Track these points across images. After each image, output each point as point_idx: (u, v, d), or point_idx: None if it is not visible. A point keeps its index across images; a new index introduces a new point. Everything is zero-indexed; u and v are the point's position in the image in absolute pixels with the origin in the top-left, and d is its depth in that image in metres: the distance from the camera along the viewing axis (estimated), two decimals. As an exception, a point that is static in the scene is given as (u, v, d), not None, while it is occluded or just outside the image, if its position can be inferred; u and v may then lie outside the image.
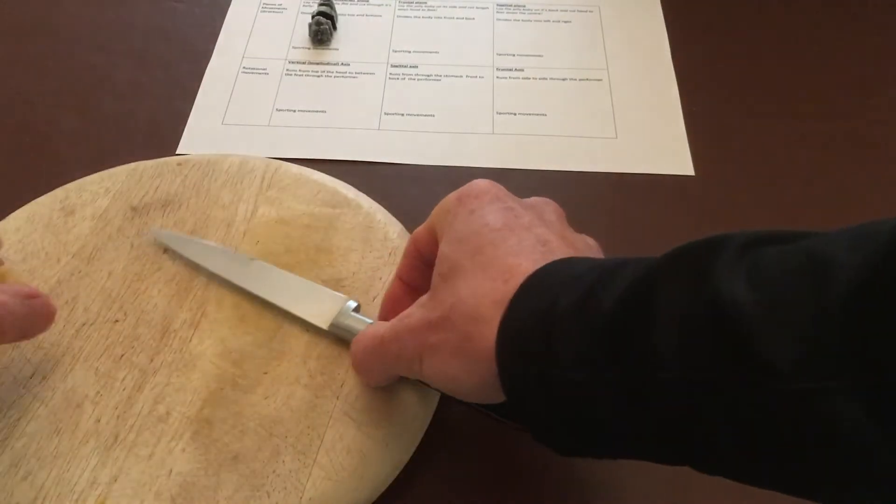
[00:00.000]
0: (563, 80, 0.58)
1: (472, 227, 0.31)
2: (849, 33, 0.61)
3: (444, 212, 0.33)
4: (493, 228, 0.30)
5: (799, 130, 0.54)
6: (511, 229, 0.30)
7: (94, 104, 0.55)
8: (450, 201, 0.33)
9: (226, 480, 0.35)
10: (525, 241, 0.30)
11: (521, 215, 0.31)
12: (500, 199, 0.32)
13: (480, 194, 0.32)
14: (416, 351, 0.31)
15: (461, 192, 0.33)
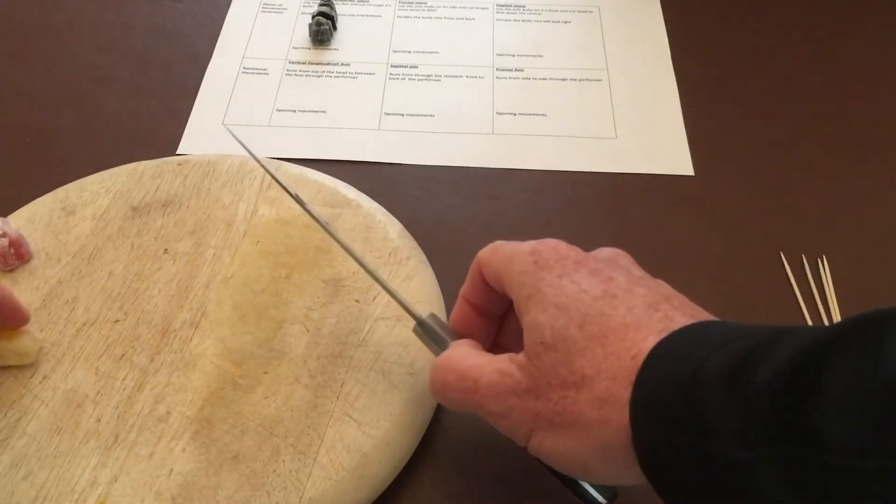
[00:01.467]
0: (563, 80, 0.58)
1: (568, 294, 0.30)
2: (849, 33, 0.61)
3: (518, 272, 0.31)
4: (595, 296, 0.29)
5: (799, 130, 0.54)
6: (613, 296, 0.29)
7: (94, 104, 0.55)
8: (524, 261, 0.32)
9: (226, 480, 0.35)
10: (635, 309, 0.29)
11: (612, 277, 0.30)
12: (584, 261, 0.31)
13: (562, 258, 0.31)
14: (523, 422, 0.30)
15: (535, 252, 0.32)
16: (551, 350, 0.29)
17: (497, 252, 0.33)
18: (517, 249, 0.32)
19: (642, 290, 0.30)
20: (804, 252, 0.47)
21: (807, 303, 0.45)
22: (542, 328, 0.29)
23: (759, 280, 0.46)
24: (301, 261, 0.43)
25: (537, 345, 0.29)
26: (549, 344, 0.29)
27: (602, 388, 0.27)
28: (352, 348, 0.39)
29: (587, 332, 0.28)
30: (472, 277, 0.35)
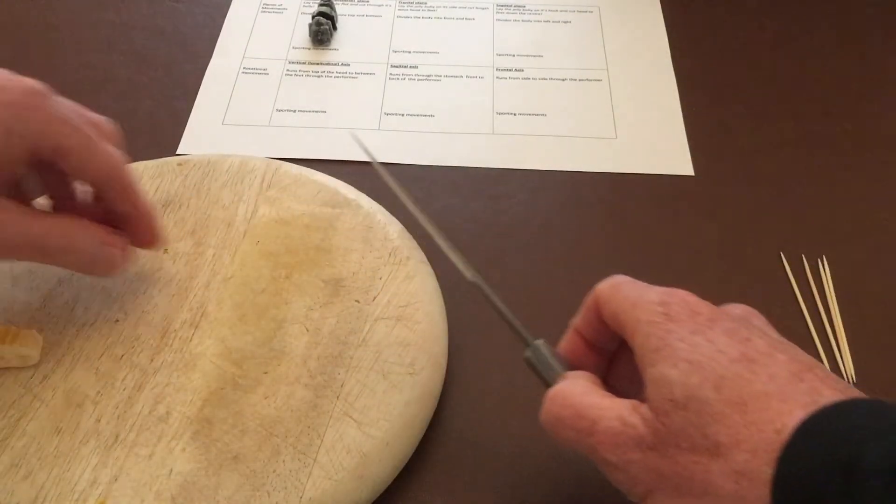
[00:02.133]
0: (562, 80, 0.58)
1: (703, 353, 0.27)
2: (849, 33, 0.61)
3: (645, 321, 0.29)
4: (732, 358, 0.27)
5: (799, 130, 0.54)
6: (752, 360, 0.27)
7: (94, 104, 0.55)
8: (652, 310, 0.30)
9: (226, 480, 0.35)
10: (778, 377, 0.27)
11: (750, 338, 0.28)
12: (718, 319, 0.29)
13: (694, 314, 0.29)
14: (641, 479, 0.28)
15: (665, 303, 0.30)
16: (681, 409, 0.27)
17: (619, 292, 0.32)
18: (643, 296, 0.30)
19: (783, 356, 0.28)
20: (804, 252, 0.47)
21: (807, 303, 0.45)
22: (672, 384, 0.27)
23: (759, 280, 0.46)
24: (301, 261, 0.43)
25: (665, 401, 0.27)
26: (680, 402, 0.27)
27: (740, 460, 0.26)
28: (352, 348, 0.39)
29: (724, 396, 0.27)
30: (588, 311, 0.33)
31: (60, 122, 0.35)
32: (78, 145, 0.35)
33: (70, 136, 0.35)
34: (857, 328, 0.44)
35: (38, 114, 0.34)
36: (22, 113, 0.34)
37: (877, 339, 0.43)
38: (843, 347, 0.43)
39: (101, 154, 0.36)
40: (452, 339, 0.41)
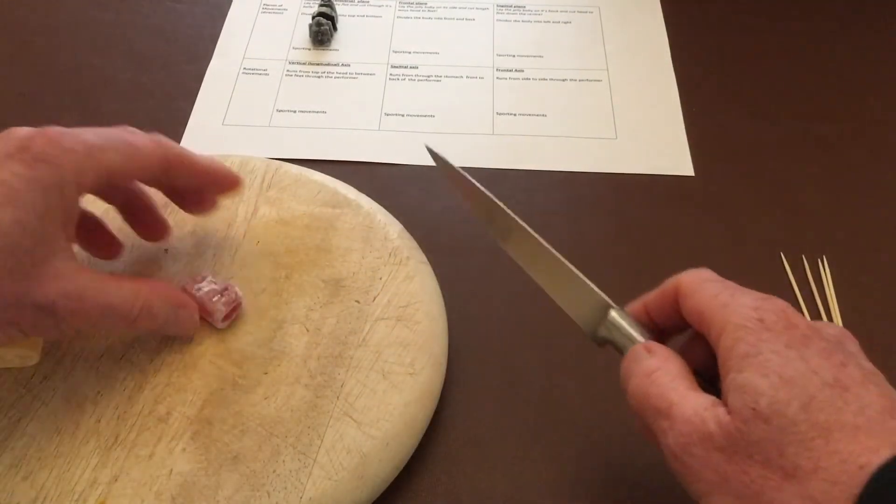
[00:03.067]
0: (563, 80, 0.58)
1: (797, 370, 0.27)
2: (848, 33, 0.61)
3: (737, 325, 0.29)
4: (825, 381, 0.27)
5: (799, 130, 0.54)
6: (845, 388, 0.27)
7: (94, 104, 0.55)
8: (745, 315, 0.29)
9: (226, 480, 0.35)
10: (869, 409, 0.26)
11: (846, 364, 0.28)
12: (813, 337, 0.28)
13: (790, 326, 0.28)
14: (703, 477, 0.28)
15: (760, 309, 0.29)
16: (763, 421, 0.26)
17: (705, 288, 0.31)
18: (736, 299, 0.30)
19: (876, 389, 0.27)
20: (804, 252, 0.47)
21: (807, 303, 0.45)
22: (758, 394, 0.27)
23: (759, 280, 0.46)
24: (301, 261, 0.43)
25: (748, 409, 0.27)
26: (763, 414, 0.26)
27: (818, 489, 0.25)
28: (352, 348, 0.39)
29: (811, 418, 0.26)
30: (664, 296, 0.33)
31: (86, 152, 0.33)
32: (119, 160, 0.34)
33: (106, 156, 0.34)
34: (857, 328, 0.44)
35: (66, 157, 0.32)
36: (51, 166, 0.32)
37: (877, 339, 0.43)
38: (843, 347, 0.43)
39: (143, 149, 0.36)
40: (452, 339, 0.41)
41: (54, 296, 0.32)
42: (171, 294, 0.37)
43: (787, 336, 0.28)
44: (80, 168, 0.32)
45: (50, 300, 0.31)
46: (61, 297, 0.32)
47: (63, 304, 0.32)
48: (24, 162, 0.31)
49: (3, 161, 0.31)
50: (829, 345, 0.28)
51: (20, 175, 0.31)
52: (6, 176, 0.31)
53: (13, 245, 0.30)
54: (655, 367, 0.31)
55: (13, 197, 0.30)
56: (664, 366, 0.31)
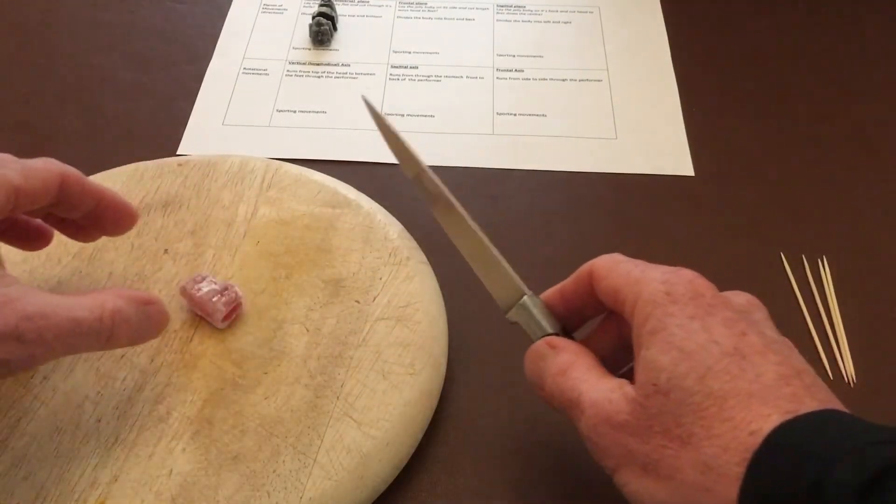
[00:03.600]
0: (563, 80, 0.58)
1: (697, 341, 0.28)
2: (848, 33, 0.61)
3: (646, 301, 0.30)
4: (724, 351, 0.27)
5: (799, 130, 0.54)
6: (743, 356, 0.27)
7: (94, 104, 0.55)
8: (654, 289, 0.30)
9: (226, 480, 0.35)
10: (764, 377, 0.27)
11: (746, 333, 0.28)
12: (719, 306, 0.29)
13: (697, 296, 0.29)
14: (612, 453, 0.29)
15: (668, 282, 0.30)
16: (663, 395, 0.28)
17: (618, 268, 0.32)
18: (647, 274, 0.31)
19: (775, 357, 0.28)
20: (804, 252, 0.47)
21: (807, 303, 0.45)
22: (659, 370, 0.28)
23: (759, 280, 0.46)
24: (301, 261, 0.43)
25: (650, 385, 0.28)
26: (663, 389, 0.28)
27: (710, 453, 0.26)
28: (352, 349, 0.39)
29: (706, 388, 0.27)
30: (579, 279, 0.34)
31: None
32: (19, 178, 0.32)
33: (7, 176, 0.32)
34: (857, 328, 0.44)
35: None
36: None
37: (877, 339, 0.43)
38: (843, 347, 0.43)
39: (40, 167, 0.34)
40: (452, 339, 0.41)
41: (15, 320, 0.29)
42: (134, 293, 0.34)
43: (693, 306, 0.29)
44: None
45: (12, 325, 0.29)
46: (23, 320, 0.29)
47: (27, 327, 0.29)
48: None
49: None
50: (734, 314, 0.29)
51: None
52: None
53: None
54: (569, 364, 0.32)
55: None
56: (577, 361, 0.32)
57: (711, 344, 0.28)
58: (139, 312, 0.34)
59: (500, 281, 0.36)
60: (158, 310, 0.35)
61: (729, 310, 0.29)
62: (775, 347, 0.28)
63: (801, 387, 0.27)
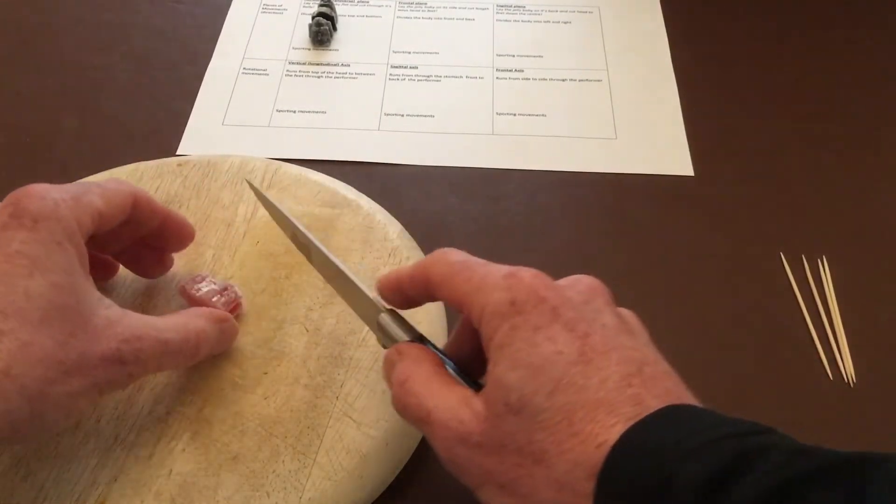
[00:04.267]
0: (562, 80, 0.58)
1: (543, 354, 0.27)
2: (848, 33, 0.61)
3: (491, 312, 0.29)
4: (570, 360, 0.27)
5: (799, 130, 0.54)
6: (588, 361, 0.27)
7: (94, 104, 0.55)
8: (498, 299, 0.29)
9: (225, 480, 0.35)
10: (609, 381, 0.27)
11: (589, 333, 0.28)
12: (561, 309, 0.28)
13: (539, 302, 0.28)
14: (470, 472, 0.29)
15: (511, 288, 0.29)
16: (514, 414, 0.27)
17: (456, 274, 0.31)
18: (487, 279, 0.30)
19: (616, 354, 0.28)
20: (804, 252, 0.47)
21: (807, 303, 0.45)
22: (509, 389, 0.27)
23: (759, 280, 0.46)
24: (301, 261, 0.43)
25: (501, 404, 0.28)
26: (514, 408, 0.27)
27: (562, 470, 0.26)
28: (351, 349, 0.39)
29: (556, 403, 0.27)
30: (415, 281, 0.33)
31: (74, 199, 0.32)
32: (101, 202, 0.33)
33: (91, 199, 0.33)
34: (857, 328, 0.44)
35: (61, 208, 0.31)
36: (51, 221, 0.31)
37: (877, 339, 0.43)
38: (843, 347, 0.43)
39: (115, 190, 0.35)
40: (452, 340, 0.41)
41: (116, 343, 0.31)
42: (212, 312, 0.37)
43: (536, 316, 0.28)
44: (76, 215, 0.32)
45: (114, 348, 0.31)
46: (122, 343, 0.31)
47: (127, 349, 0.31)
48: (24, 227, 0.30)
49: (3, 233, 0.30)
50: (576, 314, 0.29)
51: (29, 241, 0.30)
52: (17, 246, 0.30)
53: (61, 308, 0.29)
54: (407, 375, 0.31)
55: (36, 263, 0.30)
56: (416, 371, 0.31)
57: (557, 355, 0.27)
58: (217, 330, 0.37)
59: (364, 306, 0.35)
60: (231, 325, 0.38)
61: (571, 310, 0.29)
62: (616, 343, 0.28)
63: (642, 385, 0.27)
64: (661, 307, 0.45)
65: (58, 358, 0.29)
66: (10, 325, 0.28)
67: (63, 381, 0.29)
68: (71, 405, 0.30)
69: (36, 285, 0.29)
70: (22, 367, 0.28)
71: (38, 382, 0.28)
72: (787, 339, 0.44)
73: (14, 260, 0.29)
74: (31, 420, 0.29)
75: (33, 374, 0.28)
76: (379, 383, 0.38)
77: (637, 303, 0.45)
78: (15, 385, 0.28)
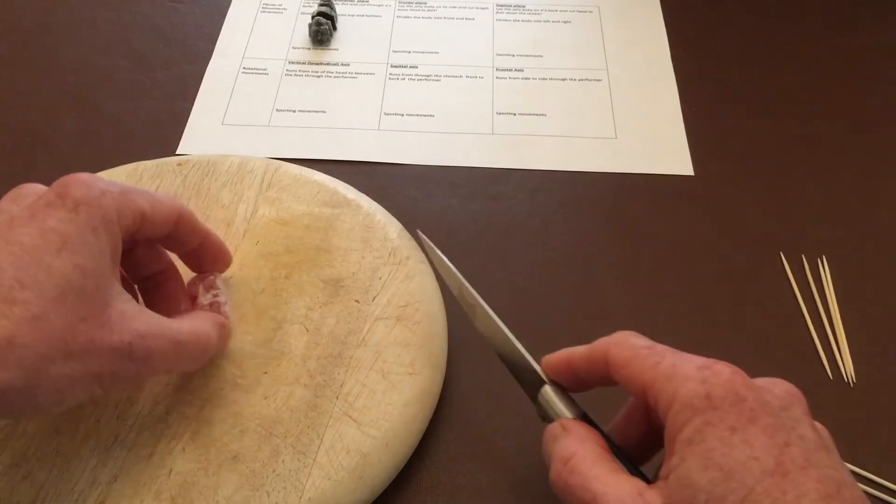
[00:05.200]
0: (562, 80, 0.58)
1: (737, 458, 0.26)
2: (848, 33, 0.61)
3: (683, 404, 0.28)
4: (766, 470, 0.26)
5: (799, 130, 0.54)
6: (785, 473, 0.26)
7: (94, 104, 0.55)
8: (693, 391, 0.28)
9: (225, 480, 0.35)
10: (805, 499, 0.25)
11: (789, 443, 0.27)
12: (760, 411, 0.27)
13: (738, 401, 0.27)
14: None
15: (707, 382, 0.28)
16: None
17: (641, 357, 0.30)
18: (679, 368, 0.28)
19: (815, 472, 0.26)
20: (804, 252, 0.47)
21: (807, 303, 0.45)
22: (697, 490, 0.26)
23: (759, 280, 0.46)
24: (301, 261, 0.43)
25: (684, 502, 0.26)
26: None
27: None
28: (351, 348, 0.39)
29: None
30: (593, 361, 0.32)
31: (121, 193, 0.33)
32: (147, 205, 0.34)
33: (137, 199, 0.33)
34: (857, 328, 0.44)
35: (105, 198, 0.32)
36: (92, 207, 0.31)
37: (877, 339, 0.43)
38: (842, 347, 0.43)
39: (163, 199, 0.35)
40: (452, 339, 0.41)
41: (129, 336, 0.31)
42: (215, 317, 0.38)
43: (734, 416, 0.27)
44: (118, 208, 0.32)
45: (126, 342, 0.30)
46: (136, 338, 0.31)
47: (139, 345, 0.31)
48: (66, 208, 0.30)
49: (45, 209, 0.30)
50: (775, 420, 0.27)
51: (67, 220, 0.30)
52: (54, 223, 0.30)
53: (79, 290, 0.29)
54: (572, 453, 0.30)
55: (66, 242, 0.30)
56: (581, 449, 0.30)
57: (752, 461, 0.26)
58: (220, 336, 0.37)
59: (528, 373, 0.34)
60: (228, 330, 0.39)
61: (770, 415, 0.27)
62: (815, 459, 0.27)
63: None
64: (661, 307, 0.45)
65: (63, 338, 0.29)
66: (24, 295, 0.28)
67: (63, 362, 0.29)
68: (65, 389, 0.29)
69: (60, 263, 0.29)
70: (26, 339, 0.28)
71: (37, 359, 0.28)
72: (787, 339, 0.44)
73: (47, 236, 0.30)
74: (21, 393, 0.28)
75: (36, 348, 0.28)
76: (379, 383, 0.38)
77: (637, 303, 0.45)
78: (15, 355, 0.28)
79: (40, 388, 0.29)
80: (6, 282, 0.28)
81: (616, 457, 0.30)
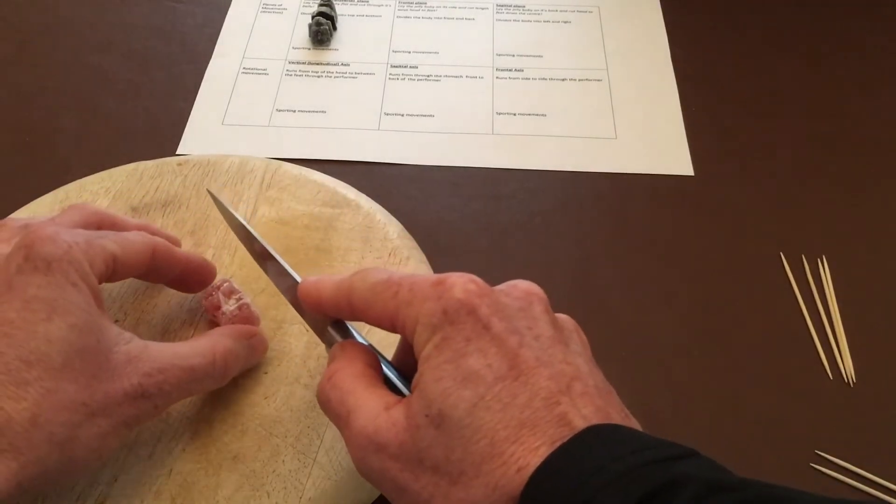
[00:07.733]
0: (562, 80, 0.58)
1: (471, 367, 0.26)
2: (848, 33, 0.61)
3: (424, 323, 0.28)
4: (498, 375, 0.26)
5: (798, 130, 0.54)
6: (517, 376, 0.26)
7: (94, 104, 0.55)
8: (431, 309, 0.28)
9: (225, 480, 0.35)
10: (535, 399, 0.26)
11: (521, 346, 0.27)
12: (494, 319, 0.27)
13: (472, 311, 0.27)
14: (383, 484, 0.28)
15: (443, 297, 0.28)
16: (434, 427, 0.26)
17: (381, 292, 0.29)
18: (415, 291, 0.28)
19: (546, 371, 0.27)
20: (804, 252, 0.47)
21: (807, 303, 0.45)
22: (430, 400, 0.26)
23: (759, 280, 0.46)
24: (300, 261, 0.43)
25: (421, 416, 0.26)
26: (435, 420, 0.26)
27: (479, 493, 0.25)
28: (351, 348, 0.39)
29: (477, 419, 0.25)
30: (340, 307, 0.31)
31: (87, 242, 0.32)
32: (117, 248, 0.33)
33: (106, 244, 0.33)
34: (857, 328, 0.44)
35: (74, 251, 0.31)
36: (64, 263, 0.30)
37: (877, 339, 0.43)
38: (842, 347, 0.43)
39: (134, 239, 0.35)
40: (452, 339, 0.41)
41: (137, 378, 0.30)
42: (239, 329, 0.37)
43: (469, 326, 0.27)
44: (88, 258, 0.31)
45: (136, 384, 0.30)
46: (144, 377, 0.31)
47: (149, 383, 0.31)
48: (39, 271, 0.30)
49: (17, 277, 0.30)
50: (509, 324, 0.27)
51: (45, 285, 0.30)
52: (34, 291, 0.29)
53: (82, 349, 0.29)
54: (336, 369, 0.30)
55: (54, 307, 0.29)
56: (347, 367, 0.30)
57: (485, 368, 0.26)
58: (245, 347, 0.36)
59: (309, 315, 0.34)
60: (260, 339, 0.38)
61: (504, 319, 0.28)
62: (546, 357, 0.27)
63: (570, 403, 0.26)
64: (660, 307, 0.45)
65: (82, 400, 0.29)
66: (34, 373, 0.28)
67: (90, 422, 0.29)
68: (101, 446, 0.30)
69: (55, 329, 0.29)
70: (48, 415, 0.28)
71: (65, 428, 0.28)
72: (787, 339, 0.44)
73: (32, 305, 0.29)
74: (61, 466, 0.28)
75: (60, 419, 0.28)
76: (379, 383, 0.38)
77: (637, 303, 0.45)
78: (43, 433, 0.28)
79: (76, 454, 0.29)
80: (12, 364, 0.28)
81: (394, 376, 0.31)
